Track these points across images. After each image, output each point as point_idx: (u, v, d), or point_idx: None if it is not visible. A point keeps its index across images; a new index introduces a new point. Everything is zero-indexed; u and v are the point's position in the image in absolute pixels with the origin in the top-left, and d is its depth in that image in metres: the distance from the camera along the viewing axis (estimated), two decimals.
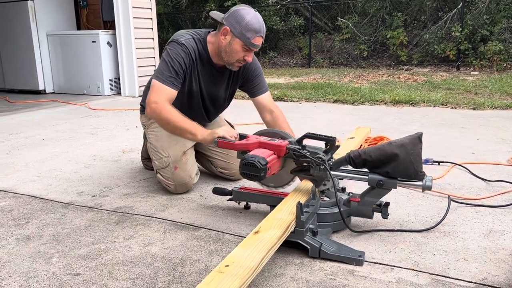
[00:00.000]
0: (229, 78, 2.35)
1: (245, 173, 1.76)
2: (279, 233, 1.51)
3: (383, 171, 1.72)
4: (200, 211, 2.11)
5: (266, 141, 1.88)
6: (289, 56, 12.14)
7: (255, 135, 1.99)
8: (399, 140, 1.72)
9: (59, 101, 6.06)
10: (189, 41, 2.15)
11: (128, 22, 6.27)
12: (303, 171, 1.91)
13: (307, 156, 1.81)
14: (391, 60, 10.44)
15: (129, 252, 1.70)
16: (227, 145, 1.93)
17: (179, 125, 2.02)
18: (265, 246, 1.41)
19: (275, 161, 1.82)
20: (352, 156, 1.78)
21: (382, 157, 1.71)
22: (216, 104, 2.42)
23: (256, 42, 2.07)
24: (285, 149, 1.85)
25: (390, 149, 1.70)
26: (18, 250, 1.73)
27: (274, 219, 1.62)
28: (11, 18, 6.62)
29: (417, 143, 1.70)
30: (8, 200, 2.30)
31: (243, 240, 1.45)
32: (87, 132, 3.99)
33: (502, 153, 3.00)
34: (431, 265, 1.56)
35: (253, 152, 1.82)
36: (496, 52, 8.65)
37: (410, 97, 5.39)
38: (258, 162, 1.72)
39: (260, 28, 2.06)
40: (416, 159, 1.68)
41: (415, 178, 1.70)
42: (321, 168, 1.80)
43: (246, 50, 2.10)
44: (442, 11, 10.27)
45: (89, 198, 2.30)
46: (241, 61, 2.15)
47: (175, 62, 2.10)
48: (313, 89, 6.51)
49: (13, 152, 3.29)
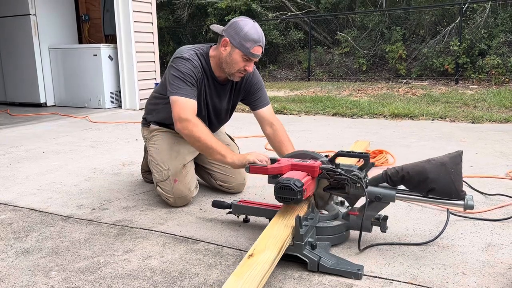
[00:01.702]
0: (231, 90, 2.37)
1: (281, 197, 1.73)
2: (273, 255, 1.48)
3: (423, 190, 1.69)
4: (199, 224, 2.11)
5: (299, 162, 1.87)
6: (289, 69, 12.23)
7: (285, 158, 1.98)
8: (439, 158, 1.68)
9: (60, 114, 6.09)
10: (193, 57, 2.18)
11: (129, 36, 6.33)
12: (337, 189, 1.87)
13: (343, 174, 1.78)
14: (390, 74, 10.51)
15: (128, 265, 1.70)
16: (259, 170, 1.92)
17: (210, 144, 2.04)
18: (259, 275, 1.37)
19: (310, 182, 1.80)
20: (389, 174, 1.75)
21: (421, 175, 1.67)
22: (219, 117, 2.44)
23: (256, 51, 2.10)
24: (319, 169, 1.83)
25: (430, 167, 1.66)
26: (17, 264, 1.73)
27: (268, 237, 1.59)
28: (13, 31, 6.69)
29: (458, 162, 1.66)
30: (8, 213, 2.31)
31: (237, 267, 1.42)
32: (87, 145, 4.00)
33: (500, 167, 3.01)
34: (430, 279, 1.56)
35: (286, 175, 1.79)
36: (494, 66, 8.71)
37: (409, 110, 5.42)
38: (294, 185, 1.70)
39: (259, 38, 2.09)
40: (457, 178, 1.65)
41: (456, 197, 1.67)
42: (357, 186, 1.77)
43: (246, 60, 2.13)
44: (440, 26, 10.38)
45: (88, 211, 2.31)
46: (242, 71, 2.17)
47: (187, 75, 2.12)
48: (313, 102, 6.54)
49: (13, 165, 3.30)
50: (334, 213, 1.90)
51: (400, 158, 3.20)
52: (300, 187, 1.70)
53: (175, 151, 2.35)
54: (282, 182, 1.73)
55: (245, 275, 1.37)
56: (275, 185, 1.77)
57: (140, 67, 6.54)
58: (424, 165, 1.69)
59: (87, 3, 7.32)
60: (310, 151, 2.01)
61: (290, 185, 1.70)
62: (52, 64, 6.85)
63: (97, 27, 7.25)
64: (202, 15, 13.90)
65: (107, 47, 6.53)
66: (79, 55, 6.63)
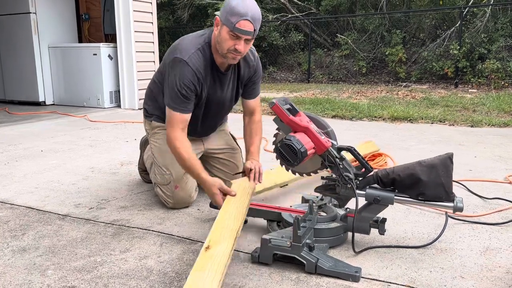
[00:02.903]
0: (235, 78, 2.25)
1: (282, 153, 1.71)
2: (230, 246, 1.53)
3: (413, 193, 1.70)
4: (197, 224, 2.11)
5: (315, 132, 1.80)
6: (289, 71, 12.24)
7: (306, 117, 1.87)
8: (429, 160, 1.69)
9: (58, 112, 6.07)
10: (192, 58, 2.05)
11: (129, 35, 6.32)
12: (328, 189, 1.87)
13: (339, 169, 1.76)
14: (390, 77, 10.52)
15: (125, 265, 1.69)
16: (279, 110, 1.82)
17: (188, 164, 2.06)
18: (220, 266, 1.41)
19: (311, 156, 1.77)
20: (380, 175, 1.75)
21: (412, 178, 1.68)
22: (223, 107, 2.35)
23: (242, 26, 1.88)
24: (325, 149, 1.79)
25: (420, 169, 1.67)
26: (13, 262, 1.72)
27: (222, 228, 1.64)
28: (13, 30, 6.67)
29: (448, 164, 1.66)
30: (5, 211, 2.30)
31: (196, 261, 1.44)
32: (86, 144, 3.99)
33: (499, 171, 3.01)
34: (428, 282, 1.55)
35: (298, 137, 1.75)
36: (494, 70, 8.72)
37: (408, 113, 5.42)
38: (300, 151, 1.67)
39: (246, 12, 1.87)
40: (447, 180, 1.66)
41: (446, 200, 1.68)
42: (348, 186, 1.76)
43: (235, 38, 1.93)
44: (441, 29, 10.41)
45: (86, 210, 2.30)
46: (232, 51, 1.97)
47: (183, 87, 2.03)
48: (312, 104, 6.54)
49: (11, 163, 3.29)
50: (332, 215, 1.89)
51: (400, 161, 3.19)
52: (302, 158, 1.69)
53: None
54: (293, 142, 1.70)
55: (207, 267, 1.40)
56: (284, 138, 1.74)
57: (140, 66, 6.53)
58: (415, 168, 1.69)
59: (88, 2, 7.31)
60: (330, 128, 1.91)
61: (297, 150, 1.69)
62: (51, 63, 6.84)
63: (97, 26, 7.23)
64: (203, 15, 13.91)
65: (107, 46, 6.52)
66: (78, 54, 6.62)
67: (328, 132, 1.89)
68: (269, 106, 1.86)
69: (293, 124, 1.82)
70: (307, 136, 1.79)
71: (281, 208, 1.99)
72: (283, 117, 1.84)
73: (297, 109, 1.89)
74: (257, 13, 1.93)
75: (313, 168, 1.94)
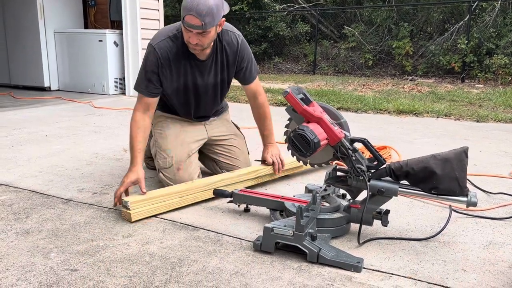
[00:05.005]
0: (216, 65, 2.29)
1: (294, 143, 1.70)
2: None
3: (427, 186, 1.68)
4: (200, 212, 2.11)
5: (328, 122, 1.78)
6: (294, 62, 12.18)
7: (319, 108, 1.86)
8: (444, 154, 1.66)
9: (63, 98, 6.08)
10: (161, 44, 2.15)
11: (135, 22, 6.30)
12: (339, 181, 1.85)
13: (351, 160, 1.75)
14: (396, 70, 10.45)
15: (128, 250, 1.70)
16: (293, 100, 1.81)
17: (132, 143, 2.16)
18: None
19: (324, 147, 1.76)
20: (393, 168, 1.72)
21: (425, 171, 1.65)
22: (207, 92, 2.37)
23: (187, 20, 1.95)
24: (338, 140, 1.78)
25: (435, 163, 1.64)
26: (16, 244, 1.73)
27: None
28: (19, 14, 6.66)
29: (463, 158, 1.63)
30: (9, 194, 2.30)
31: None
32: (90, 130, 4.00)
33: (504, 166, 2.99)
34: (430, 274, 1.55)
35: (312, 127, 1.74)
36: (501, 66, 8.65)
37: (413, 107, 5.39)
38: (313, 142, 1.66)
39: (191, 7, 1.92)
40: (462, 175, 1.63)
41: (460, 194, 1.65)
42: (360, 179, 1.75)
43: (187, 31, 2.02)
44: (449, 23, 10.30)
45: (89, 195, 2.31)
46: (189, 43, 2.07)
47: (147, 70, 2.17)
48: (317, 96, 6.52)
49: (16, 147, 3.30)
50: (335, 205, 1.89)
51: (404, 154, 3.18)
52: (314, 149, 1.69)
53: (180, 139, 2.35)
54: (306, 132, 1.69)
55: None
56: (297, 128, 1.73)
57: None
58: (429, 161, 1.66)
59: None
60: (343, 119, 1.89)
61: (310, 140, 1.68)
62: (57, 49, 6.83)
63: (103, 12, 7.20)
64: None
65: (112, 33, 6.50)
66: (84, 40, 6.60)
67: (341, 123, 1.86)
68: (283, 96, 1.83)
69: (307, 114, 1.80)
70: (320, 127, 1.77)
71: (284, 197, 1.99)
72: (297, 106, 1.82)
73: (310, 99, 1.86)
74: (205, 7, 1.92)
75: (324, 159, 1.93)
